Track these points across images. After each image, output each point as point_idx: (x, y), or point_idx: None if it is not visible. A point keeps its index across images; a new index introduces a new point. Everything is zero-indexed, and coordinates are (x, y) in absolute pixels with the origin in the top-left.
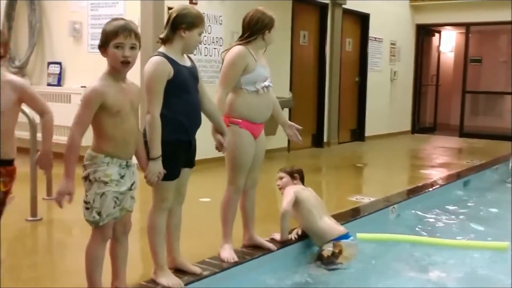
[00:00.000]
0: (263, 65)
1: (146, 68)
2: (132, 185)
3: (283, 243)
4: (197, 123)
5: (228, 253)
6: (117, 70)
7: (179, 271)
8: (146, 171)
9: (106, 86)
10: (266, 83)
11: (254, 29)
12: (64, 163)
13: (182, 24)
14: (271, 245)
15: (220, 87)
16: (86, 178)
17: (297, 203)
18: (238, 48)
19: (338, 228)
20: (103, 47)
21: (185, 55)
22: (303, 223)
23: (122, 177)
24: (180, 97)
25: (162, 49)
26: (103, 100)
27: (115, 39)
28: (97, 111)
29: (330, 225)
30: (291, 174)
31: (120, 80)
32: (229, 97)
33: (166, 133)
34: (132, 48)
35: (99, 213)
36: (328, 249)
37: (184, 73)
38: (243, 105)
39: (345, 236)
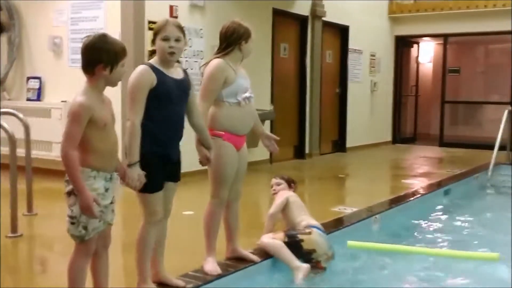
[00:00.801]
0: (243, 76)
1: (131, 77)
2: (112, 198)
3: (268, 255)
4: (176, 136)
5: (211, 266)
6: (110, 85)
7: (162, 285)
8: (126, 178)
9: (92, 100)
10: (247, 94)
11: (230, 40)
12: (72, 182)
13: (156, 34)
14: (254, 257)
15: (201, 101)
16: (70, 192)
17: (286, 206)
18: (216, 62)
19: (316, 222)
20: (109, 65)
21: (178, 68)
22: (288, 220)
23: (106, 190)
24: (162, 108)
25: (152, 60)
26: (92, 115)
27: (123, 59)
28: (85, 126)
29: (309, 218)
30: (289, 182)
31: (101, 94)
32: (211, 110)
33: (143, 145)
34: None
35: (85, 228)
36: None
37: (169, 84)
38: (225, 117)
39: (320, 229)
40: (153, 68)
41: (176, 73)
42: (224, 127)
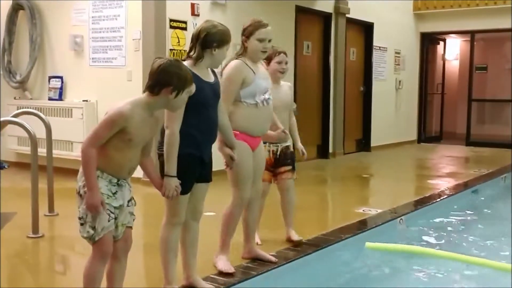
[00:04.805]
0: (263, 76)
1: None
2: (129, 201)
3: (289, 258)
4: (211, 139)
5: (224, 264)
6: (169, 110)
7: None
8: (162, 188)
9: (135, 113)
10: (266, 96)
11: (242, 39)
12: (85, 178)
13: (214, 43)
14: (272, 258)
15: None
16: (78, 193)
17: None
18: (234, 63)
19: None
20: (177, 90)
21: (209, 69)
22: None
23: (113, 193)
24: (199, 113)
25: (186, 63)
26: (125, 126)
27: (191, 87)
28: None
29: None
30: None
31: (150, 114)
32: (229, 109)
33: (179, 146)
34: None
35: (93, 228)
36: None
37: (206, 90)
38: (241, 118)
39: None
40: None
41: (208, 76)
42: (238, 127)
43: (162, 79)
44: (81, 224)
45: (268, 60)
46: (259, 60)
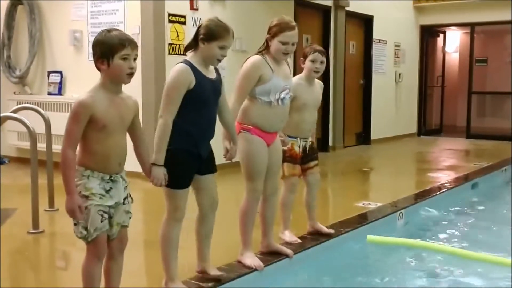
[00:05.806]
0: (283, 75)
1: (170, 74)
2: (125, 199)
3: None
4: (208, 136)
5: (253, 260)
6: (119, 82)
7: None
8: (151, 177)
9: (96, 98)
10: (282, 95)
11: (267, 37)
12: (63, 180)
13: (201, 35)
14: (289, 251)
15: (234, 97)
16: None
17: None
18: (253, 58)
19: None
20: (105, 58)
21: (211, 67)
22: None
23: (107, 191)
24: (196, 109)
25: (188, 56)
26: (92, 113)
27: (122, 51)
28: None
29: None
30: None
31: (113, 93)
32: (244, 103)
33: (175, 141)
34: (135, 59)
35: (85, 228)
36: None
37: (206, 85)
38: (255, 114)
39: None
40: (192, 68)
41: (209, 72)
42: (251, 123)
43: (92, 53)
44: (75, 224)
45: (304, 57)
46: (281, 60)
